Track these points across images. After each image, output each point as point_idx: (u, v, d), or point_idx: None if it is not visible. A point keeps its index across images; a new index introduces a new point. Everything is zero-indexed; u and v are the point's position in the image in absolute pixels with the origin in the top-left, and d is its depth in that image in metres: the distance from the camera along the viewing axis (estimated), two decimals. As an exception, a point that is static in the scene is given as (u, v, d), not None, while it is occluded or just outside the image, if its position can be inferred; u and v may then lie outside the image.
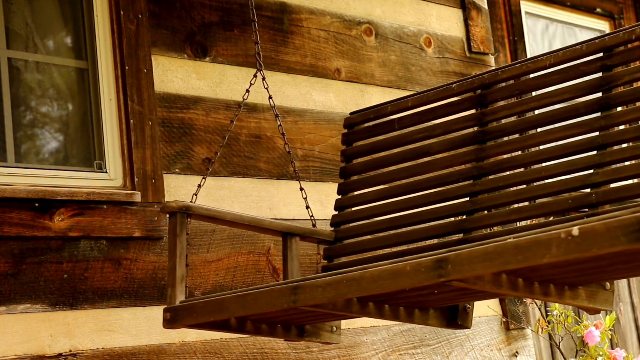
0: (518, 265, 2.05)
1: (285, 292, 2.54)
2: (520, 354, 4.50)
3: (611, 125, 2.68)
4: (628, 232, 1.84)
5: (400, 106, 3.31)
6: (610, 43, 2.76)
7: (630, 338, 5.67)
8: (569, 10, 5.93)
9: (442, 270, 2.20)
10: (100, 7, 3.56)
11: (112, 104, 3.51)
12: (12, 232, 3.12)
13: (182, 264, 2.92)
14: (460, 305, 2.99)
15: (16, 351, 3.06)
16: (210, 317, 2.74)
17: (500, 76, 3.04)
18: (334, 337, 3.22)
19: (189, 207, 2.98)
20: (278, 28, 4.00)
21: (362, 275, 2.35)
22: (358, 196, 3.32)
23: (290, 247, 3.24)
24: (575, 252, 1.94)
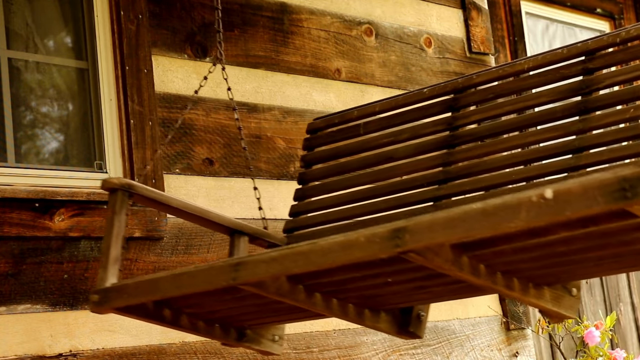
0: (483, 233, 1.83)
1: (226, 269, 2.31)
2: (520, 354, 4.50)
3: (589, 128, 2.58)
4: (607, 192, 1.65)
5: (367, 110, 3.16)
6: (593, 46, 2.67)
7: (630, 338, 5.67)
8: (569, 10, 5.93)
9: (398, 239, 1.96)
10: (100, 7, 3.56)
11: (112, 104, 3.51)
12: (12, 232, 3.12)
13: (117, 243, 2.71)
14: (414, 311, 2.79)
15: (16, 351, 3.06)
16: (141, 298, 2.51)
17: (475, 80, 2.92)
18: (275, 347, 3.01)
19: (131, 185, 2.80)
20: (278, 28, 4.01)
21: (311, 248, 2.12)
22: (315, 202, 3.15)
23: (237, 246, 3.02)
24: (547, 216, 1.73)
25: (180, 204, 2.92)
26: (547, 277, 2.42)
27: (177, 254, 3.49)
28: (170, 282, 2.44)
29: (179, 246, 3.50)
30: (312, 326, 3.76)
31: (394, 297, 2.64)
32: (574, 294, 2.52)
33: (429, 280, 2.39)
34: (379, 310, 2.75)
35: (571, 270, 2.37)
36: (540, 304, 2.45)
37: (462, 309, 4.32)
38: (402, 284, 2.45)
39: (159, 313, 2.72)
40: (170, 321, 2.75)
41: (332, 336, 3.85)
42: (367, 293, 2.57)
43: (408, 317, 2.79)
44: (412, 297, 2.66)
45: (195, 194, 3.58)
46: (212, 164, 3.66)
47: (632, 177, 1.63)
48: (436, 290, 2.55)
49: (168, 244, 3.47)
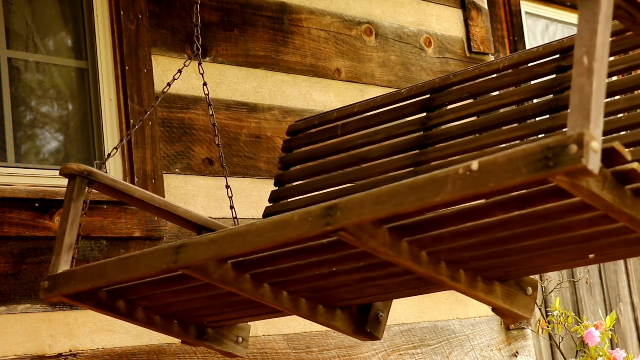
0: (411, 207, 1.83)
1: (167, 252, 2.30)
2: (520, 354, 4.50)
3: (558, 126, 2.56)
4: (530, 161, 1.63)
5: (347, 112, 3.16)
6: (568, 44, 2.65)
7: (630, 338, 5.67)
8: (569, 10, 5.94)
9: (329, 217, 1.96)
10: (100, 7, 3.56)
11: (112, 104, 3.51)
12: (12, 232, 3.12)
13: (72, 231, 2.67)
14: (372, 311, 2.73)
15: (16, 351, 3.06)
16: (88, 284, 2.48)
17: (452, 80, 2.91)
18: (239, 349, 2.95)
19: (91, 172, 2.74)
20: (278, 28, 4.01)
21: (248, 229, 2.13)
22: (290, 203, 3.13)
23: None
24: (472, 188, 1.72)
25: (144, 196, 2.85)
26: (495, 270, 2.37)
27: (177, 254, 3.49)
28: (116, 266, 2.42)
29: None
30: (312, 326, 3.76)
31: (343, 290, 2.58)
32: (530, 294, 2.47)
33: (374, 270, 2.35)
34: (334, 307, 2.70)
35: (517, 262, 2.32)
36: (490, 300, 2.40)
37: (462, 309, 4.33)
38: (348, 275, 2.42)
39: (112, 304, 2.68)
40: (125, 314, 2.71)
41: (332, 336, 3.85)
42: (316, 285, 2.53)
43: (366, 317, 2.74)
44: (362, 291, 2.60)
45: (195, 194, 3.58)
46: (212, 164, 3.66)
47: (555, 145, 1.60)
48: (385, 284, 2.50)
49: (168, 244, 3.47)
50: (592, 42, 1.69)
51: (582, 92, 1.66)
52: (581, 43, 1.70)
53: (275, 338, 3.66)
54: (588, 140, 1.57)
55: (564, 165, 1.59)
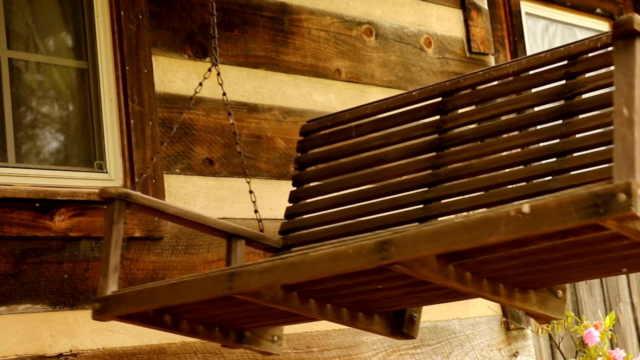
0: (464, 245, 1.94)
1: (221, 278, 2.40)
2: (520, 354, 4.50)
3: (572, 132, 2.62)
4: (581, 207, 1.75)
5: (359, 113, 3.21)
6: (575, 50, 2.70)
7: (630, 338, 5.68)
8: (568, 11, 5.94)
9: (384, 252, 2.07)
10: (101, 7, 3.56)
11: (112, 104, 3.51)
12: (13, 232, 3.12)
13: (116, 253, 2.77)
14: (406, 313, 2.86)
15: (16, 351, 3.06)
16: (141, 307, 2.59)
17: (462, 83, 2.97)
18: (274, 347, 3.05)
19: (128, 195, 2.83)
20: (278, 28, 4.01)
21: (302, 259, 2.22)
22: (310, 203, 3.20)
23: (235, 250, 3.07)
24: (524, 230, 1.83)
25: (177, 211, 2.96)
26: (533, 282, 2.47)
27: (177, 254, 3.50)
28: (168, 291, 2.52)
29: (179, 246, 3.50)
30: (312, 326, 3.76)
31: (386, 301, 2.69)
32: (560, 296, 2.57)
33: (418, 286, 2.44)
34: (372, 313, 2.81)
35: (555, 276, 2.43)
36: (526, 307, 2.50)
37: (462, 309, 4.33)
38: (392, 290, 2.52)
39: (159, 319, 2.78)
40: (171, 326, 2.81)
41: (332, 336, 3.85)
42: (360, 298, 2.63)
43: (401, 319, 2.85)
44: (403, 301, 2.72)
45: (196, 194, 3.58)
46: (212, 164, 3.66)
47: (604, 193, 1.72)
48: (426, 295, 2.61)
49: (168, 244, 3.47)
50: (631, 94, 1.80)
51: (624, 141, 1.78)
52: (620, 94, 1.80)
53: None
54: (635, 189, 1.70)
55: (614, 212, 1.72)
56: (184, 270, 3.49)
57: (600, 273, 2.46)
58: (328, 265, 2.17)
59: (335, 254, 2.16)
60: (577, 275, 2.48)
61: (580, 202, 1.75)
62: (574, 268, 2.35)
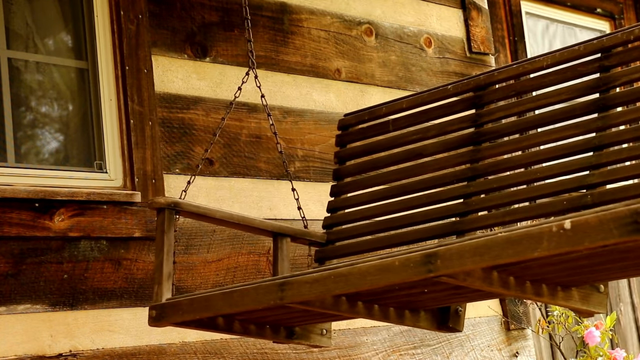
0: (508, 260, 2.00)
1: (272, 288, 2.48)
2: (520, 354, 4.50)
3: (608, 126, 2.64)
4: (621, 224, 1.79)
5: (395, 107, 3.26)
6: (608, 43, 2.71)
7: (631, 338, 5.67)
8: (569, 10, 5.93)
9: (430, 265, 2.14)
10: (100, 7, 3.56)
11: (112, 104, 3.51)
12: (12, 232, 3.12)
13: (169, 260, 2.87)
14: (451, 307, 2.93)
15: (16, 351, 3.06)
16: (196, 315, 2.69)
17: (497, 77, 2.99)
18: (324, 340, 3.15)
19: (177, 204, 2.93)
20: (278, 28, 4.00)
21: (350, 270, 2.30)
22: (351, 197, 3.26)
23: (281, 247, 3.18)
24: (566, 246, 1.89)
25: (224, 215, 3.06)
26: (574, 282, 2.52)
27: (177, 254, 3.49)
28: (222, 300, 2.61)
29: (179, 246, 3.50)
30: (312, 326, 3.76)
31: (431, 301, 2.77)
32: (602, 291, 2.62)
33: (461, 289, 2.50)
34: (418, 310, 2.89)
35: (597, 277, 2.49)
36: (570, 305, 2.56)
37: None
38: (437, 293, 2.59)
39: (213, 322, 2.88)
40: (224, 328, 2.91)
41: (332, 336, 3.84)
42: (406, 300, 2.70)
43: (447, 314, 2.93)
44: (447, 300, 2.79)
45: (196, 193, 3.58)
46: (212, 164, 3.66)
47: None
48: (470, 295, 2.68)
49: (168, 244, 3.47)
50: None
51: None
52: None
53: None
54: None
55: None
56: (184, 270, 3.49)
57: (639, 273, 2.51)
58: (376, 277, 2.24)
59: (382, 266, 2.23)
60: (618, 275, 2.53)
61: (621, 219, 1.79)
62: (615, 270, 2.39)
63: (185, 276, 3.49)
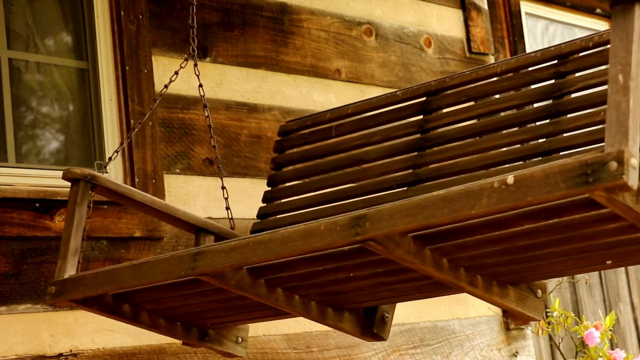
0: (444, 219, 1.84)
1: (185, 258, 2.29)
2: (519, 354, 4.50)
3: (559, 131, 2.56)
4: (569, 176, 1.65)
5: (340, 113, 3.13)
6: (566, 50, 2.65)
7: (630, 338, 5.68)
8: (568, 11, 5.94)
9: (358, 227, 1.96)
10: (101, 7, 3.56)
11: (112, 104, 3.51)
12: (13, 232, 3.12)
13: (77, 235, 2.70)
14: (378, 312, 2.77)
15: (16, 351, 3.06)
16: (98, 289, 2.48)
17: (448, 83, 2.90)
18: (238, 349, 2.97)
19: (94, 176, 2.77)
20: (278, 28, 4.01)
21: (271, 237, 2.11)
22: (284, 203, 3.12)
23: (203, 244, 2.97)
24: (508, 201, 1.74)
25: (144, 199, 2.88)
26: (511, 275, 2.40)
27: (177, 254, 3.50)
28: (129, 272, 2.41)
29: (179, 246, 3.50)
30: (312, 326, 3.76)
31: (357, 294, 2.60)
32: (539, 296, 2.50)
33: (392, 275, 2.36)
34: (342, 309, 2.72)
35: (535, 268, 2.35)
36: (504, 304, 2.43)
37: (462, 309, 4.33)
38: (364, 280, 2.43)
39: (118, 308, 2.69)
40: (130, 317, 2.72)
41: (332, 336, 3.85)
42: (330, 289, 2.53)
43: (372, 318, 2.76)
44: (376, 294, 2.62)
45: (196, 194, 3.59)
46: (212, 164, 3.66)
47: (594, 162, 1.63)
48: (400, 288, 2.52)
49: (168, 244, 3.47)
50: (627, 60, 1.72)
51: (618, 109, 1.69)
52: (615, 61, 1.73)
53: (275, 338, 3.67)
54: (627, 157, 1.61)
55: (604, 181, 1.62)
56: (184, 270, 3.49)
57: (582, 265, 2.36)
58: (299, 243, 2.06)
59: (307, 230, 2.05)
60: (559, 268, 2.40)
61: (569, 171, 1.66)
62: (555, 258, 2.27)
63: (186, 276, 3.49)
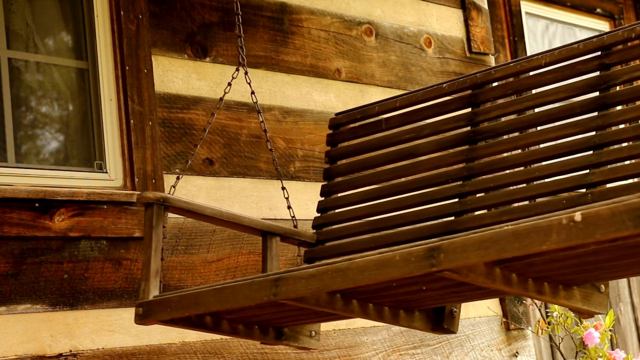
0: (514, 253, 1.91)
1: (266, 284, 2.38)
2: (520, 354, 4.50)
3: (608, 124, 2.58)
4: (635, 215, 1.70)
5: (388, 106, 3.18)
6: (608, 41, 2.66)
7: (630, 338, 5.67)
8: (569, 10, 5.93)
9: (433, 259, 2.04)
10: (100, 7, 3.56)
11: (112, 104, 3.51)
12: (12, 232, 3.12)
13: (157, 257, 2.80)
14: (446, 308, 2.85)
15: (16, 351, 3.06)
16: (184, 312, 2.58)
17: (494, 75, 2.92)
18: (312, 342, 3.08)
19: (167, 199, 2.86)
20: (278, 28, 4.01)
21: (348, 265, 2.19)
22: (341, 197, 3.18)
23: (270, 246, 3.11)
24: (576, 239, 1.79)
25: (213, 212, 3.00)
26: (577, 280, 2.46)
27: (177, 253, 3.50)
28: (212, 296, 2.50)
29: (179, 246, 3.50)
30: (312, 326, 3.76)
31: (428, 300, 2.70)
32: (603, 291, 2.55)
33: (461, 286, 2.44)
34: (413, 310, 2.81)
35: (600, 275, 2.41)
36: (571, 304, 2.49)
37: (462, 309, 4.32)
38: (435, 291, 2.52)
39: (200, 321, 2.79)
40: (211, 327, 2.82)
41: (332, 336, 3.85)
42: (402, 298, 2.62)
43: (441, 315, 2.85)
44: (444, 299, 2.71)
45: (196, 194, 3.58)
46: (212, 164, 3.66)
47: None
48: (468, 294, 2.61)
49: (168, 243, 3.47)
50: None
51: None
52: None
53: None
54: None
55: None
56: (184, 271, 3.49)
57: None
58: (375, 272, 2.14)
59: (382, 261, 2.13)
60: (622, 274, 2.47)
61: (634, 210, 1.71)
62: (620, 268, 2.33)
63: (186, 276, 3.49)
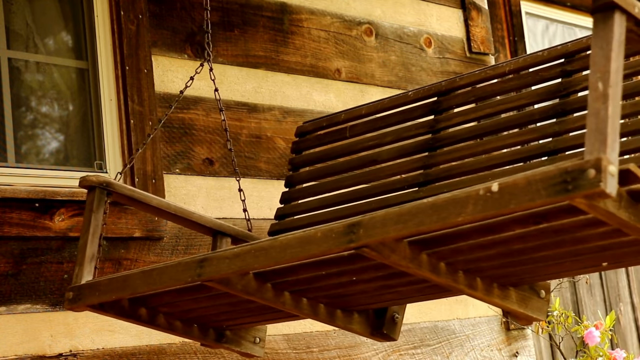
0: (432, 226, 1.88)
1: (191, 265, 2.36)
2: (520, 354, 4.50)
3: (564, 131, 2.58)
4: (549, 184, 1.68)
5: (354, 114, 3.18)
6: (572, 49, 2.66)
7: (630, 338, 5.68)
8: (569, 10, 5.94)
9: (352, 234, 2.02)
10: (101, 7, 3.56)
11: (112, 104, 3.51)
12: (12, 232, 3.12)
13: (94, 242, 2.74)
14: (388, 313, 2.80)
15: (16, 351, 3.06)
16: (112, 295, 2.54)
17: (458, 82, 2.93)
18: (256, 349, 3.01)
19: (110, 183, 2.80)
20: (278, 28, 4.01)
21: (271, 244, 2.19)
22: (301, 204, 3.16)
23: (220, 247, 3.02)
24: (492, 209, 1.78)
25: (160, 204, 2.92)
26: (510, 277, 2.42)
27: (177, 253, 3.50)
28: (140, 278, 2.49)
29: (179, 246, 3.50)
30: (312, 326, 3.76)
31: (362, 296, 2.64)
32: (543, 296, 2.52)
33: (393, 279, 2.40)
34: (351, 310, 2.76)
35: (532, 270, 2.37)
36: (506, 305, 2.45)
37: (462, 309, 4.33)
38: (366, 283, 2.47)
39: (135, 312, 2.74)
40: (147, 320, 2.77)
41: (332, 336, 3.85)
42: (335, 292, 2.58)
43: (382, 319, 2.80)
44: (380, 297, 2.66)
45: (196, 194, 3.58)
46: (212, 164, 3.66)
47: (573, 169, 1.66)
48: (403, 290, 2.56)
49: (168, 244, 3.47)
50: (606, 68, 1.74)
51: (597, 116, 1.71)
52: (595, 69, 1.75)
53: (275, 338, 3.66)
54: (605, 165, 1.63)
55: (583, 188, 1.65)
56: (184, 270, 3.49)
57: (579, 267, 2.39)
58: (297, 250, 2.13)
59: (304, 237, 2.12)
60: (556, 270, 2.42)
61: (549, 179, 1.69)
62: (551, 261, 2.29)
63: (185, 276, 3.49)
